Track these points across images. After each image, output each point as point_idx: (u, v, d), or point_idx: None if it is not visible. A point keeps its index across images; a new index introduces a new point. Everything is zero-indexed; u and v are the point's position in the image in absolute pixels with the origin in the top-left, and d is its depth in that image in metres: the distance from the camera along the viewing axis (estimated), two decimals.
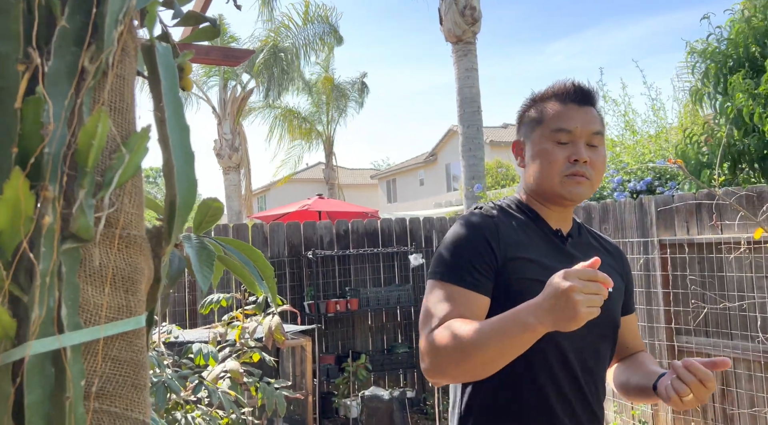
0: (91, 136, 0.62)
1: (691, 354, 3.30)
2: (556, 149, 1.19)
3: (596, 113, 1.24)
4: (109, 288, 0.68)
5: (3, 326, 0.58)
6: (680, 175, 4.66)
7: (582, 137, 1.19)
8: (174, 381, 2.09)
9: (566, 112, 1.21)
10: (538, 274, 1.13)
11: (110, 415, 0.67)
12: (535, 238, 1.23)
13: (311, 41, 13.52)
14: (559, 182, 1.19)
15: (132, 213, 0.71)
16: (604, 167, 1.23)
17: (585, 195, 1.20)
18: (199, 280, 0.84)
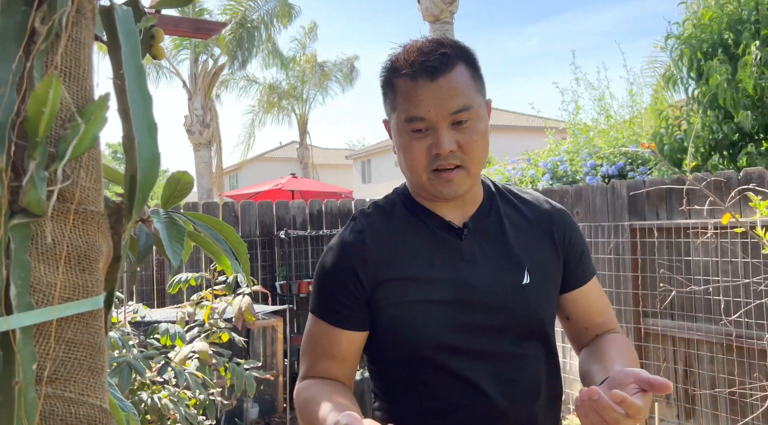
0: (41, 103, 0.57)
1: (657, 336, 3.38)
2: (414, 141, 0.98)
3: (458, 81, 0.96)
4: (64, 267, 0.64)
5: None
6: (652, 160, 4.73)
7: (441, 121, 0.96)
8: (139, 362, 2.04)
9: (416, 93, 0.96)
10: (418, 293, 1.01)
11: (64, 400, 0.63)
12: (418, 242, 1.04)
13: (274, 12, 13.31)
14: (427, 180, 1.00)
15: (89, 188, 0.66)
16: (482, 143, 0.98)
17: (462, 188, 0.99)
18: (170, 256, 0.80)
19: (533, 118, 22.71)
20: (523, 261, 1.03)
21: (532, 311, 1.03)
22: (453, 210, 1.06)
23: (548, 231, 1.08)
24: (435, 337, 1.01)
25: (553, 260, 1.07)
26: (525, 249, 1.05)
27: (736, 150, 3.75)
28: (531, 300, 1.03)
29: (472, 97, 0.98)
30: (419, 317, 1.01)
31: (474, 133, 0.98)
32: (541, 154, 5.63)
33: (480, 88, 1.01)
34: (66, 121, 0.63)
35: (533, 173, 5.19)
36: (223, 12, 12.86)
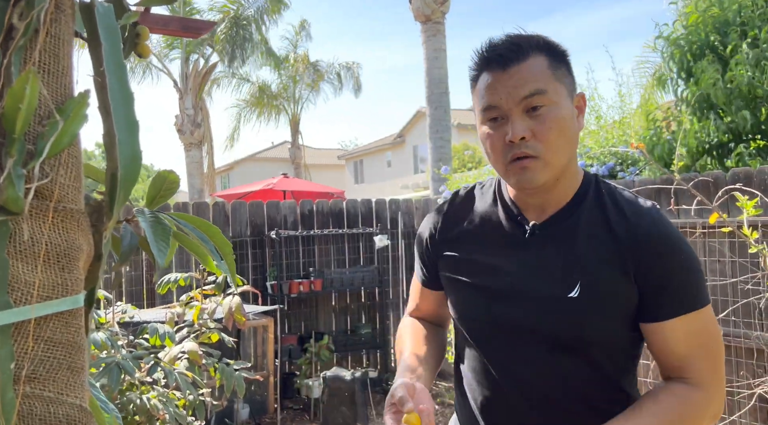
0: (18, 99, 0.57)
1: None
2: (491, 130, 0.99)
3: (531, 69, 0.96)
4: (42, 265, 0.63)
5: None
6: (641, 160, 4.75)
7: (514, 108, 0.96)
8: (128, 362, 2.03)
9: (491, 82, 0.98)
10: (466, 274, 1.08)
11: (43, 400, 0.63)
12: (486, 229, 1.08)
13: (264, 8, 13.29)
14: (505, 171, 1.00)
15: (68, 185, 0.66)
16: (558, 132, 0.96)
17: (538, 178, 0.97)
18: (156, 255, 0.79)
19: None
20: (579, 274, 0.97)
21: (571, 325, 0.98)
22: (535, 205, 1.04)
23: (627, 253, 0.97)
24: (472, 319, 1.09)
25: (621, 282, 0.97)
26: (589, 262, 0.98)
27: (725, 151, 3.78)
28: (573, 314, 0.97)
29: (548, 83, 0.96)
30: (461, 296, 1.10)
31: (549, 120, 0.95)
32: None
33: (561, 77, 0.99)
34: (44, 118, 0.63)
35: None
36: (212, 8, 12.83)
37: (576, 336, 0.99)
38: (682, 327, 0.95)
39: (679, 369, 0.97)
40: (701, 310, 0.96)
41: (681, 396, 0.95)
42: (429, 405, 0.96)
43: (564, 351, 1.00)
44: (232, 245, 0.90)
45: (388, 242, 4.81)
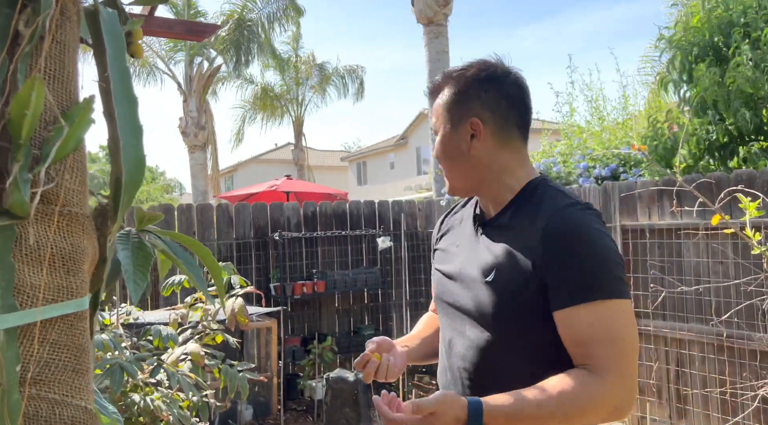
0: (24, 105, 0.58)
1: (649, 337, 3.39)
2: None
3: (435, 104, 1.18)
4: (48, 268, 0.64)
5: None
6: (644, 162, 4.75)
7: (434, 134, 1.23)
8: (131, 364, 2.04)
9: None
10: (442, 262, 1.30)
11: (48, 402, 0.63)
12: (462, 227, 1.29)
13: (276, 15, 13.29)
14: None
15: (74, 190, 0.67)
16: (444, 155, 1.16)
17: (452, 188, 1.22)
18: (130, 289, 0.77)
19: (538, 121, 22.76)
20: (497, 263, 1.12)
21: (482, 304, 1.12)
22: (485, 208, 1.22)
23: (537, 247, 1.06)
24: (436, 296, 1.30)
25: (528, 272, 1.06)
26: (507, 254, 1.11)
27: (727, 152, 3.78)
28: (486, 296, 1.11)
29: (441, 116, 1.17)
30: (434, 279, 1.32)
31: (437, 148, 1.19)
32: (534, 155, 5.65)
33: (454, 109, 1.15)
34: (50, 123, 0.64)
35: None
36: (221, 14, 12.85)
37: (488, 313, 1.11)
38: (585, 317, 1.01)
39: (582, 357, 1.03)
40: (607, 302, 1.02)
41: (577, 380, 1.00)
42: (398, 362, 1.23)
43: (483, 327, 1.13)
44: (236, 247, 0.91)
45: (391, 243, 4.82)
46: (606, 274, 1.03)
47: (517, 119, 1.16)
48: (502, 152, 1.15)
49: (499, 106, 1.14)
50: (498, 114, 1.14)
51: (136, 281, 0.74)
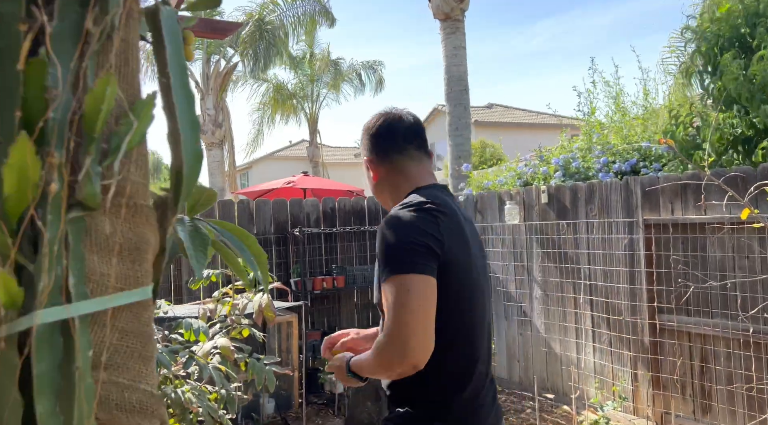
0: (99, 100, 0.60)
1: (673, 332, 3.38)
2: None
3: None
4: (117, 258, 0.66)
5: (10, 294, 0.57)
6: (665, 156, 4.71)
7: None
8: (164, 356, 2.07)
9: None
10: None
11: (118, 386, 0.66)
12: None
13: (300, 19, 13.27)
14: None
15: (138, 182, 0.69)
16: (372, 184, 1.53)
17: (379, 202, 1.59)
18: (194, 265, 0.81)
19: (544, 115, 22.60)
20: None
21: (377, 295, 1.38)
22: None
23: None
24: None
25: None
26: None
27: (751, 146, 3.73)
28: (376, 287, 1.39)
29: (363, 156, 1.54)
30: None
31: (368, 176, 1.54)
32: (553, 151, 5.62)
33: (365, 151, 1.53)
34: (117, 118, 0.66)
35: (545, 170, 5.18)
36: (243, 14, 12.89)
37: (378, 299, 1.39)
38: (384, 292, 1.26)
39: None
40: (392, 278, 1.24)
41: (377, 340, 1.28)
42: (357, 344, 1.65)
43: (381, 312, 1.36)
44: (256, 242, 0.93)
45: None
46: (391, 255, 1.26)
47: (393, 150, 1.46)
48: (389, 175, 1.47)
49: (376, 145, 1.49)
50: (374, 152, 1.49)
51: (198, 260, 0.76)
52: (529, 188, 4.42)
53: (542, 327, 4.24)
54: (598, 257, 3.78)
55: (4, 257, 0.59)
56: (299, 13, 13.17)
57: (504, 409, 4.16)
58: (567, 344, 4.05)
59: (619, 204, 3.67)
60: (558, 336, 4.12)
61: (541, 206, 4.23)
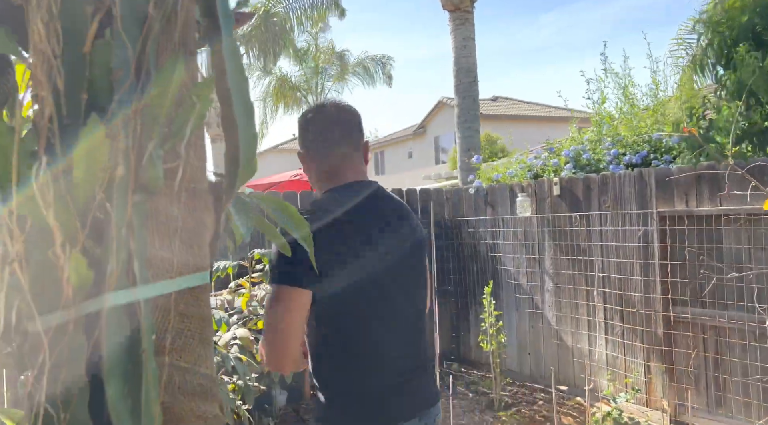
0: (167, 83, 0.60)
1: (687, 324, 3.37)
2: None
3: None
4: (178, 242, 0.66)
5: (81, 276, 0.57)
6: (676, 148, 4.69)
7: None
8: None
9: None
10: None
11: (179, 370, 0.66)
12: None
13: (307, 11, 13.19)
14: None
15: (197, 166, 0.69)
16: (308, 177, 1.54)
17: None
18: (242, 230, 0.83)
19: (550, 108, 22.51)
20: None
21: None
22: None
23: None
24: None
25: None
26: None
27: (765, 137, 3.71)
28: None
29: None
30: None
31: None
32: (563, 143, 5.60)
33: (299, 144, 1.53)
34: (179, 101, 0.65)
35: (556, 162, 5.17)
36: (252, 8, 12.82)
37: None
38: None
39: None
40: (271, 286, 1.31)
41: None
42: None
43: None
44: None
45: None
46: (271, 266, 1.33)
47: (318, 146, 1.45)
48: (315, 171, 1.47)
49: (303, 140, 1.49)
50: (302, 146, 1.49)
51: (244, 224, 0.77)
52: (541, 180, 4.41)
53: (554, 319, 4.24)
54: (612, 250, 3.77)
55: (72, 240, 0.59)
56: (306, 5, 13.09)
57: (516, 401, 4.17)
58: (579, 336, 4.06)
59: (633, 196, 3.66)
60: (570, 329, 4.13)
61: (553, 198, 4.22)
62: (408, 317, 1.43)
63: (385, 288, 1.37)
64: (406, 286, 1.42)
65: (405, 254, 1.42)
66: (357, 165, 1.46)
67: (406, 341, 1.42)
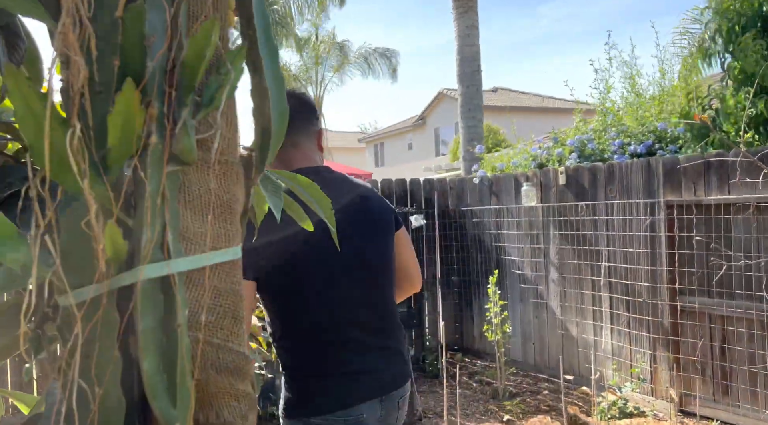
0: (202, 47, 0.57)
1: (694, 313, 3.37)
2: None
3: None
4: (211, 216, 0.64)
5: (116, 247, 0.55)
6: (681, 138, 4.67)
7: None
8: None
9: None
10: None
11: (212, 346, 0.64)
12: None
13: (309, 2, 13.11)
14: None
15: (229, 138, 0.67)
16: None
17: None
18: (273, 208, 0.82)
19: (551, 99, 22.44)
20: None
21: None
22: None
23: None
24: None
25: None
26: None
27: None
28: None
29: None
30: None
31: None
32: (567, 132, 5.58)
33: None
34: (210, 69, 0.63)
35: (560, 151, 5.15)
36: None
37: None
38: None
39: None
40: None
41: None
42: None
43: None
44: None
45: (424, 221, 4.81)
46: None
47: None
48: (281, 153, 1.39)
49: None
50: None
51: (275, 204, 0.77)
52: (546, 170, 4.39)
53: (558, 309, 4.24)
54: (618, 239, 3.76)
55: (106, 211, 0.57)
56: None
57: (520, 391, 4.18)
58: (584, 326, 4.05)
59: (640, 185, 3.64)
60: (575, 318, 4.12)
61: (559, 187, 4.21)
62: (360, 296, 1.42)
63: (321, 268, 1.37)
64: (349, 263, 1.39)
65: (347, 233, 1.33)
66: (306, 152, 1.48)
67: (361, 322, 1.41)
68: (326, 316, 1.37)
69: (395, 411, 1.45)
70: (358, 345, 1.40)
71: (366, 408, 1.36)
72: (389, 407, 1.42)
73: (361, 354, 1.40)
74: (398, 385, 1.44)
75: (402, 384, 1.45)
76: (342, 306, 1.39)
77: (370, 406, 1.37)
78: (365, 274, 1.43)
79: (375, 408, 1.38)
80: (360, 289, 1.42)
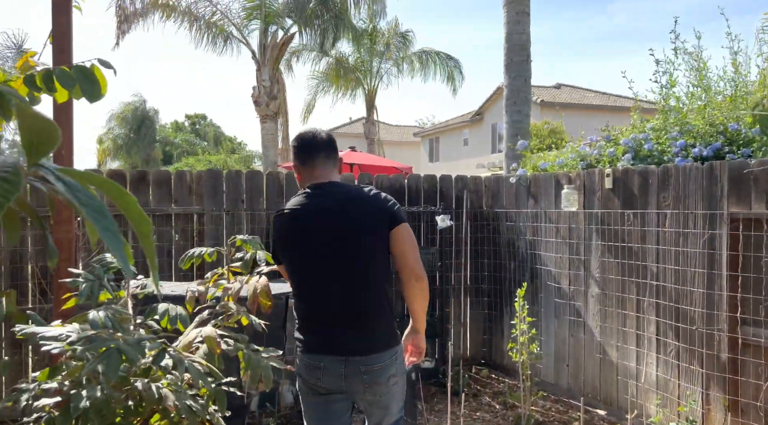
0: None
1: (759, 349, 2.81)
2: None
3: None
4: None
5: None
6: (757, 140, 4.02)
7: None
8: (131, 348, 1.76)
9: None
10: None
11: None
12: None
13: None
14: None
15: None
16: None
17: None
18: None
19: (618, 97, 21.26)
20: None
21: None
22: None
23: None
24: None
25: None
26: None
27: None
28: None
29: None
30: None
31: None
32: (623, 131, 4.99)
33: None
34: None
35: (612, 151, 4.58)
36: None
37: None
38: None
39: None
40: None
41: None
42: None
43: None
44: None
45: (451, 222, 4.37)
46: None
47: (296, 162, 2.14)
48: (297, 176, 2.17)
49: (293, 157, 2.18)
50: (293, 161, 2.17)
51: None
52: (591, 171, 3.88)
53: (597, 330, 3.73)
54: (670, 255, 3.22)
55: None
56: None
57: (546, 419, 3.70)
58: (626, 352, 3.53)
59: (699, 193, 3.09)
60: (615, 342, 3.60)
61: (605, 191, 3.69)
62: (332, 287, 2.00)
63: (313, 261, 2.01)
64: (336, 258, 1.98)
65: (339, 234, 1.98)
66: (327, 173, 2.08)
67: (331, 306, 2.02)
68: (307, 300, 2.07)
69: (359, 375, 1.95)
70: (326, 321, 2.03)
71: (328, 361, 1.98)
72: (352, 369, 1.95)
73: (329, 328, 2.02)
74: (359, 353, 1.95)
75: (364, 354, 1.96)
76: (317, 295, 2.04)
77: (332, 361, 1.98)
78: (339, 269, 1.98)
79: (337, 365, 1.97)
80: (334, 282, 1.99)
